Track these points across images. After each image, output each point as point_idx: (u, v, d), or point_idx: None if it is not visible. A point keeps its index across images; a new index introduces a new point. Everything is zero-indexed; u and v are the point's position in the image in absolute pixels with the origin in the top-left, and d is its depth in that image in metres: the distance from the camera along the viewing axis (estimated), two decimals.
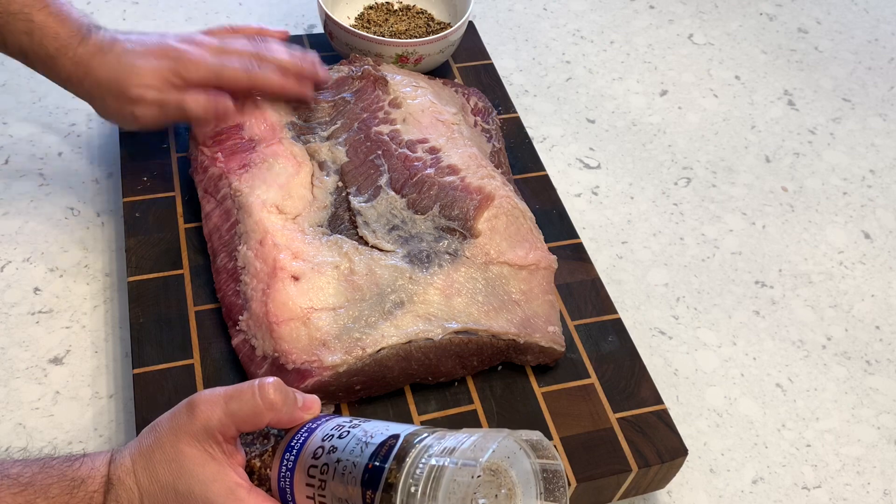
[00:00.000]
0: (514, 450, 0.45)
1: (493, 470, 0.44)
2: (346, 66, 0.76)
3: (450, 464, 0.41)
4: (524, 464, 0.45)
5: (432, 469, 0.42)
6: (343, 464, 0.45)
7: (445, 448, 0.42)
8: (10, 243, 0.72)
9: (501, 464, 0.44)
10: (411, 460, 0.43)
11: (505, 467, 0.44)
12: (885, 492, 0.67)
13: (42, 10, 0.63)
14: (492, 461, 0.43)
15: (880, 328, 0.78)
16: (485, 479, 0.43)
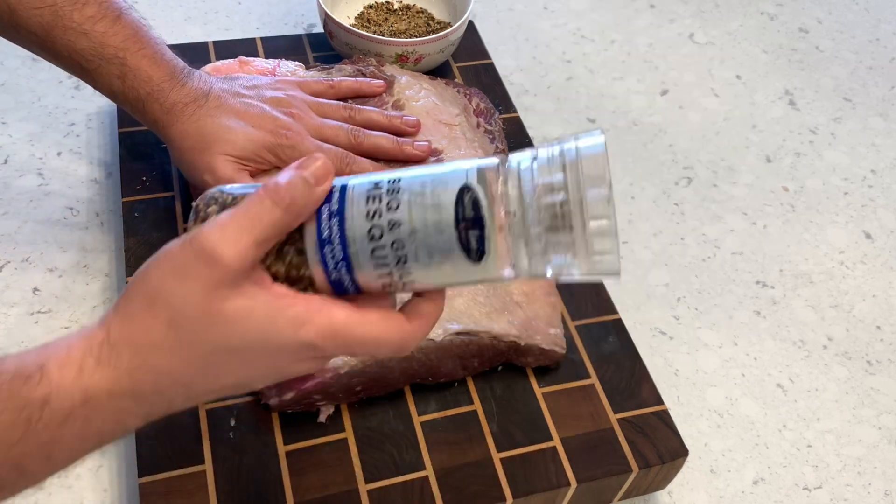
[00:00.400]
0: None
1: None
2: (350, 66, 0.76)
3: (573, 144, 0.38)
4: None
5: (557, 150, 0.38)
6: (421, 221, 0.38)
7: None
8: (10, 243, 0.72)
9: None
10: (516, 161, 0.39)
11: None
12: (885, 492, 0.67)
13: (136, 52, 0.61)
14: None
15: (881, 328, 0.78)
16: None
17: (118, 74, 0.62)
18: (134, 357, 0.37)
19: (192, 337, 0.37)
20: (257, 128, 0.63)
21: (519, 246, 0.39)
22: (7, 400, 0.35)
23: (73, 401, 0.36)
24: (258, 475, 0.56)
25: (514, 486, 0.58)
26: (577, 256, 0.38)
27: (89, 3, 0.60)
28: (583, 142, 0.39)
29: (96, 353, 0.37)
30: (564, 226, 0.38)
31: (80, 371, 0.36)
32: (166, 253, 0.38)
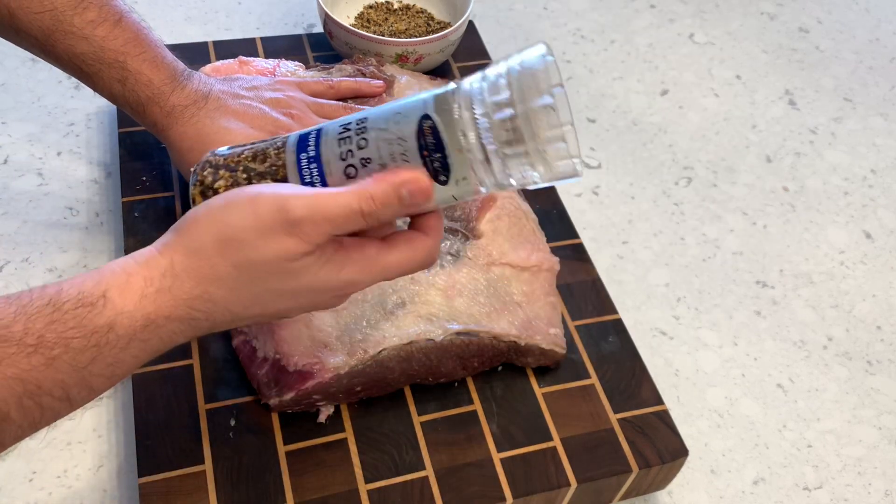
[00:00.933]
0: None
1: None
2: (350, 66, 0.75)
3: (515, 65, 0.41)
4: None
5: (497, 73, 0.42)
6: (385, 128, 0.43)
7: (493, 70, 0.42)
8: (9, 243, 0.72)
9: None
10: (469, 84, 0.42)
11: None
12: (886, 492, 0.67)
13: (137, 56, 0.61)
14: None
15: (881, 328, 0.78)
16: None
17: (119, 78, 0.62)
18: (195, 287, 0.40)
19: (255, 280, 0.41)
20: (256, 129, 0.63)
21: (479, 163, 0.42)
22: (76, 327, 0.37)
23: (134, 326, 0.39)
24: (258, 475, 0.56)
25: (514, 487, 0.57)
26: (535, 166, 0.42)
27: (90, 7, 0.60)
28: (525, 55, 0.42)
29: (157, 282, 0.39)
30: (516, 139, 0.41)
31: (142, 298, 0.39)
32: (251, 203, 0.40)
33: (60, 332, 0.38)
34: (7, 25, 0.60)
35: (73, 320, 0.38)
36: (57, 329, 0.37)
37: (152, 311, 0.40)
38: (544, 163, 0.41)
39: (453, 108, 0.42)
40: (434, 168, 0.42)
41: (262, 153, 0.47)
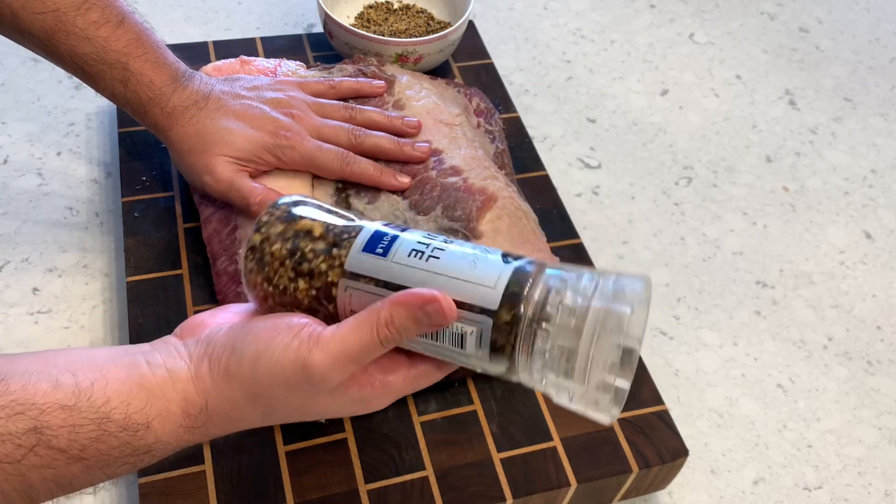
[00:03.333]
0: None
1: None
2: (351, 66, 0.75)
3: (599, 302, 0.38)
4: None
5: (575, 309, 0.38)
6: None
7: (582, 285, 0.39)
8: (9, 243, 0.72)
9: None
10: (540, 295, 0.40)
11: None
12: (886, 492, 0.67)
13: (139, 57, 0.61)
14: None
15: (882, 328, 0.78)
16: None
17: (120, 79, 0.62)
18: (225, 425, 0.44)
19: (275, 415, 0.44)
20: (257, 129, 0.63)
21: (524, 358, 0.40)
22: (119, 447, 0.41)
23: (168, 449, 0.43)
24: (258, 475, 0.56)
25: (514, 487, 0.57)
26: (574, 400, 0.40)
27: (92, 7, 0.60)
28: (617, 295, 0.39)
29: (193, 419, 0.43)
30: (569, 374, 0.39)
31: (178, 428, 0.43)
32: (278, 365, 0.42)
33: (103, 450, 0.40)
34: (9, 25, 0.60)
35: (116, 440, 0.41)
36: (100, 447, 0.40)
37: (185, 439, 0.44)
38: (584, 402, 0.40)
39: (526, 293, 0.40)
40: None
41: (328, 235, 0.45)
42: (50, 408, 0.39)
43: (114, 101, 0.64)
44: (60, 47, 0.60)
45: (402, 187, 0.66)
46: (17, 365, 0.40)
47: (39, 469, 0.39)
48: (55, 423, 0.39)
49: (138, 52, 0.61)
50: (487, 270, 0.41)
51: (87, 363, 0.41)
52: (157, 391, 0.42)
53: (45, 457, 0.39)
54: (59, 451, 0.39)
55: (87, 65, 0.61)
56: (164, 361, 0.43)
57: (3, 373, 0.39)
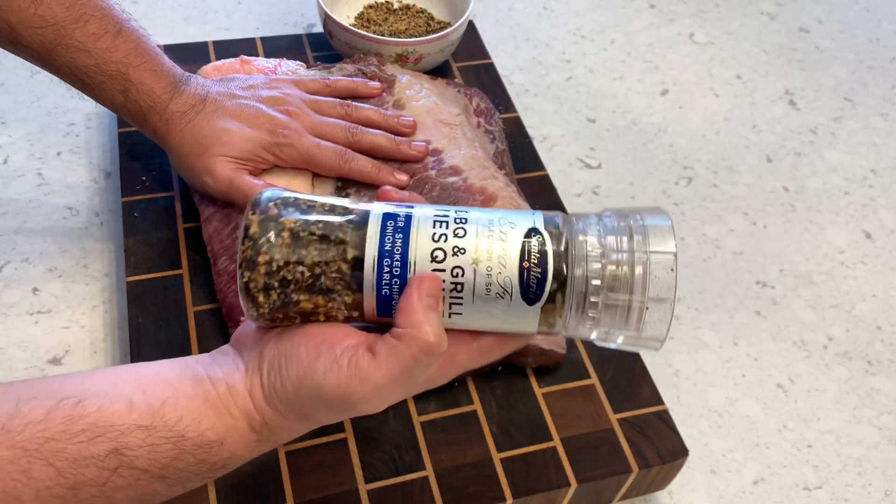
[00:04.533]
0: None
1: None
2: (351, 66, 0.75)
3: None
4: None
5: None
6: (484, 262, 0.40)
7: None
8: (9, 243, 0.72)
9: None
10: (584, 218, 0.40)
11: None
12: (886, 492, 0.67)
13: (138, 66, 0.61)
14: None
15: (882, 328, 0.78)
16: None
17: (121, 90, 0.62)
18: (279, 437, 0.45)
19: (321, 424, 0.46)
20: (254, 128, 0.63)
21: (571, 304, 0.39)
22: (196, 464, 0.42)
23: (242, 459, 0.45)
24: (258, 475, 0.56)
25: (514, 487, 0.57)
26: (628, 330, 0.39)
27: (90, 20, 0.60)
28: (649, 218, 0.39)
29: (258, 433, 0.44)
30: (623, 302, 0.38)
31: (248, 442, 0.44)
32: (317, 390, 0.42)
33: (181, 467, 0.41)
34: (7, 39, 0.60)
35: (192, 458, 0.42)
36: (178, 465, 0.41)
37: (259, 450, 0.45)
38: (637, 333, 0.39)
39: (563, 238, 0.40)
40: (527, 282, 0.39)
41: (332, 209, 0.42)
42: (128, 429, 0.39)
43: (114, 110, 0.64)
44: (59, 60, 0.60)
45: (400, 185, 0.66)
46: (88, 385, 0.40)
47: (124, 489, 0.40)
48: (135, 444, 0.39)
49: (137, 61, 0.61)
50: (519, 215, 0.41)
51: (155, 381, 0.42)
52: (222, 408, 0.43)
53: (128, 477, 0.39)
54: (141, 470, 0.40)
55: (88, 77, 0.61)
56: (224, 376, 0.44)
57: (77, 394, 0.39)
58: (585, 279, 0.39)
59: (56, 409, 0.38)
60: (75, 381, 0.41)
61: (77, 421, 0.38)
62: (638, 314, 0.39)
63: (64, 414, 0.38)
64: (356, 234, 0.40)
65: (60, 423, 0.38)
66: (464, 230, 0.40)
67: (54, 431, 0.38)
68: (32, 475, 0.37)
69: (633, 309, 0.39)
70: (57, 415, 0.38)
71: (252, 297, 0.41)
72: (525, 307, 0.40)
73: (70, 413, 0.38)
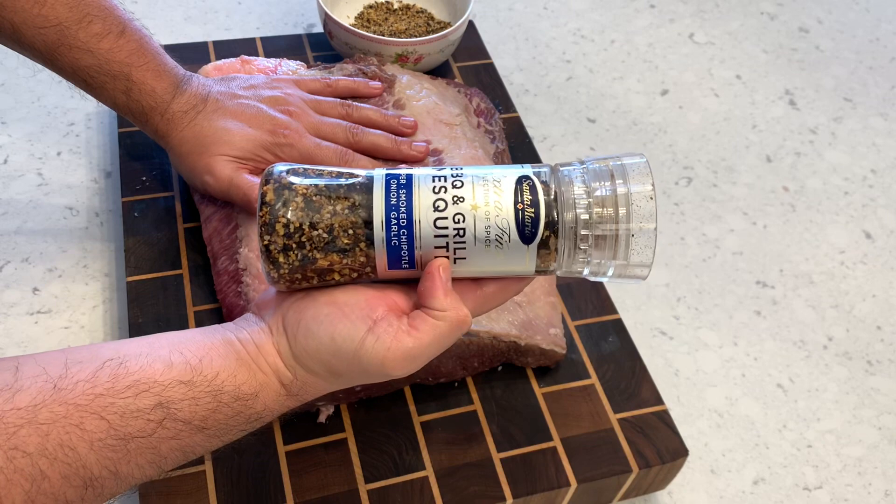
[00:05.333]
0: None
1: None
2: (351, 66, 0.75)
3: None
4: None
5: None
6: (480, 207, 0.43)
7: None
8: (9, 243, 0.72)
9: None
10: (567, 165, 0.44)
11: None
12: (886, 492, 0.67)
13: (141, 67, 0.61)
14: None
15: (881, 328, 0.78)
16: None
17: (123, 90, 0.62)
18: (309, 392, 0.47)
19: (350, 383, 0.47)
20: (255, 128, 0.63)
21: (564, 243, 0.43)
22: (234, 416, 0.44)
23: (274, 413, 0.47)
24: (258, 475, 0.56)
25: (514, 487, 0.57)
26: (616, 259, 0.43)
27: (94, 20, 0.60)
28: (627, 158, 0.44)
29: (289, 387, 0.46)
30: (611, 232, 0.42)
31: (279, 396, 0.46)
32: (356, 356, 0.44)
33: (220, 420, 0.44)
34: (10, 39, 0.60)
35: (230, 410, 0.44)
36: (218, 417, 0.44)
37: (289, 405, 0.47)
38: (626, 251, 0.42)
39: (551, 184, 0.43)
40: (522, 222, 0.43)
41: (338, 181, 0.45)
42: (170, 384, 0.42)
43: (115, 109, 0.64)
44: (63, 60, 0.60)
45: None
46: (128, 349, 0.43)
47: (168, 441, 0.42)
48: (177, 398, 0.42)
49: (140, 61, 0.62)
50: (510, 167, 0.45)
51: (188, 344, 0.44)
52: (253, 365, 0.45)
53: (172, 429, 0.42)
54: (184, 422, 0.42)
55: (90, 77, 0.61)
56: (252, 337, 0.46)
57: (119, 356, 0.42)
58: (575, 215, 0.43)
59: (101, 369, 0.41)
60: (115, 346, 0.43)
61: (122, 379, 0.41)
62: (625, 242, 0.42)
63: (109, 373, 0.41)
64: (364, 195, 0.44)
65: (107, 381, 0.40)
66: (461, 181, 0.44)
67: (102, 388, 0.40)
68: (85, 428, 0.39)
69: (620, 238, 0.42)
70: (103, 374, 0.40)
71: (273, 258, 0.43)
72: (522, 247, 0.43)
73: (115, 372, 0.41)
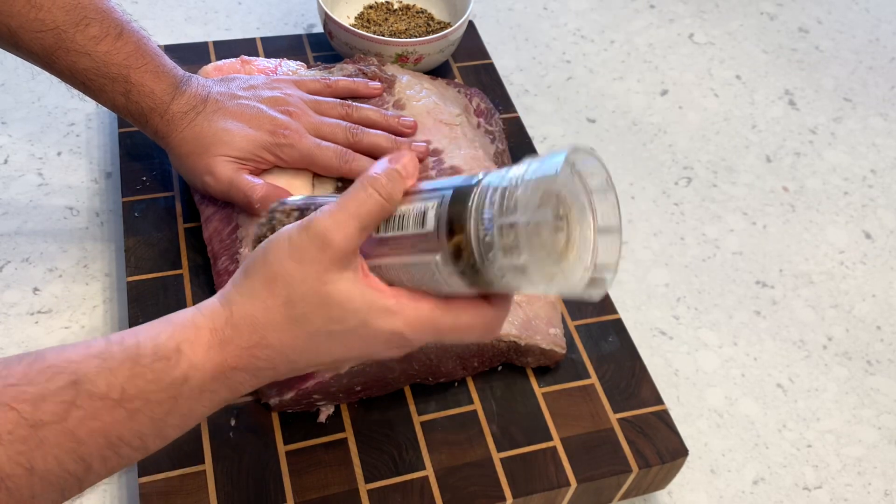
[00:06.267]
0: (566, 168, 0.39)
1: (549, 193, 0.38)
2: (351, 66, 0.75)
3: (522, 179, 0.38)
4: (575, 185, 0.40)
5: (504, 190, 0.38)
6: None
7: (510, 174, 0.39)
8: (10, 243, 0.72)
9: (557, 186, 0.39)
10: (479, 191, 0.40)
11: (557, 190, 0.39)
12: (885, 492, 0.67)
13: (139, 69, 0.61)
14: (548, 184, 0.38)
15: (881, 328, 0.78)
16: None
17: (122, 92, 0.62)
18: (253, 334, 0.41)
19: (303, 315, 0.41)
20: (255, 128, 0.63)
21: (483, 261, 0.39)
22: (154, 381, 0.40)
23: (205, 377, 0.41)
24: (258, 475, 0.56)
25: (514, 486, 0.58)
26: (533, 279, 0.38)
27: (91, 23, 0.60)
28: (546, 158, 0.38)
29: (221, 333, 0.41)
30: (515, 248, 0.37)
31: (209, 349, 0.41)
32: (284, 237, 0.42)
33: (141, 387, 0.39)
34: (7, 42, 0.60)
35: (151, 374, 0.40)
36: (137, 384, 0.39)
37: (219, 361, 0.41)
38: (546, 277, 0.38)
39: (468, 204, 0.40)
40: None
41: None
42: (84, 359, 0.39)
43: (114, 111, 0.64)
44: (60, 64, 0.60)
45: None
46: (47, 349, 0.41)
47: (85, 423, 0.38)
48: (91, 371, 0.39)
49: (138, 63, 0.62)
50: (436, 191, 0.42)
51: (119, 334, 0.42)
52: (185, 321, 0.42)
53: (87, 408, 0.38)
54: (101, 398, 0.39)
55: (89, 80, 0.61)
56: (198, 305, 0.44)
57: (41, 352, 0.40)
58: (481, 247, 0.39)
59: (17, 362, 0.39)
60: (35, 350, 0.41)
61: (36, 364, 0.39)
62: (539, 272, 0.37)
63: (26, 363, 0.39)
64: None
65: (21, 369, 0.38)
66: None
67: (16, 378, 0.38)
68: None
69: (527, 270, 0.37)
70: (18, 366, 0.39)
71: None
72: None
73: (31, 361, 0.39)
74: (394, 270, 0.43)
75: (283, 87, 0.68)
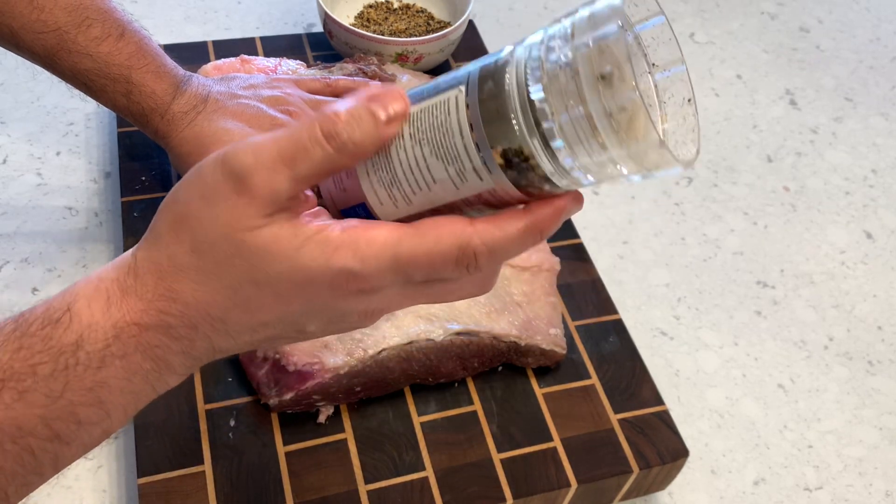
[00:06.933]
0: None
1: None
2: (351, 65, 0.75)
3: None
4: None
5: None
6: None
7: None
8: (9, 243, 0.72)
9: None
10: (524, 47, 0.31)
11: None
12: (886, 493, 0.67)
13: (140, 69, 0.61)
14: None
15: (882, 328, 0.78)
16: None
17: (123, 92, 0.62)
18: (158, 284, 0.34)
19: (217, 265, 0.33)
20: (255, 128, 0.63)
21: (527, 127, 0.32)
22: (42, 351, 0.33)
23: (106, 339, 0.33)
24: (258, 475, 0.56)
25: (514, 487, 0.57)
26: (605, 138, 0.30)
27: (93, 23, 0.60)
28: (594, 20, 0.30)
29: (122, 283, 0.34)
30: (574, 88, 0.30)
31: (108, 304, 0.33)
32: (197, 171, 0.33)
33: (26, 360, 0.32)
34: (9, 43, 0.60)
35: (39, 343, 0.32)
36: (23, 356, 0.32)
37: (119, 318, 0.33)
38: (615, 133, 0.30)
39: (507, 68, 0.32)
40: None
41: None
42: None
43: (115, 111, 0.64)
44: (62, 64, 0.60)
45: None
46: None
47: None
48: None
49: (140, 63, 0.61)
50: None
51: None
52: (88, 278, 0.35)
53: None
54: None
55: (90, 80, 0.61)
56: None
57: None
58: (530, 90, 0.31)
59: None
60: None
61: None
62: (607, 121, 0.30)
63: None
64: None
65: None
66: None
67: None
68: None
69: (593, 113, 0.30)
70: None
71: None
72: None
73: None
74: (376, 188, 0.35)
75: (283, 86, 0.68)
